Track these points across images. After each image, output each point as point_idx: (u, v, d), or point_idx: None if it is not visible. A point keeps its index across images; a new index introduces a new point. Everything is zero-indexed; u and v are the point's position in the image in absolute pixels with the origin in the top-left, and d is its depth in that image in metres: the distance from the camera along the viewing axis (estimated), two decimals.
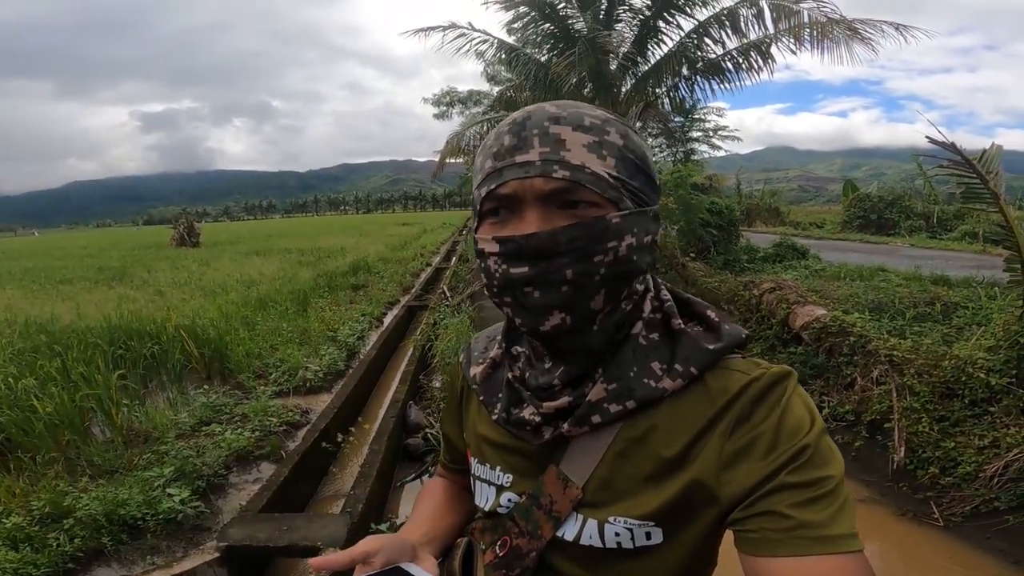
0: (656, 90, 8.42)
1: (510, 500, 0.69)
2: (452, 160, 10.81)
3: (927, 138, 3.21)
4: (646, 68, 8.19)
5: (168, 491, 3.10)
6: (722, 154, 21.57)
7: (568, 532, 0.62)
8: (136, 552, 2.76)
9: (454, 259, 15.68)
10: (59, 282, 11.99)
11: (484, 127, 9.78)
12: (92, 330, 6.05)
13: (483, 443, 0.73)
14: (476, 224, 0.61)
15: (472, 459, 0.76)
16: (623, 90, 8.35)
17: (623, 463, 0.60)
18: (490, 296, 0.61)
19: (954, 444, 3.23)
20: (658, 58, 8.05)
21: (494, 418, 0.68)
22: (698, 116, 18.18)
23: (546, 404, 0.62)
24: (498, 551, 0.67)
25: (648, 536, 0.59)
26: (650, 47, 8.15)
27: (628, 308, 0.61)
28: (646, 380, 0.59)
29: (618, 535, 0.60)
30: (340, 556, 0.61)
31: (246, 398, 4.90)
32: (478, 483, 0.74)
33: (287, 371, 5.57)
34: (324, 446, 3.88)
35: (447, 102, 23.97)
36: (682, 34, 7.79)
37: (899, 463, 3.35)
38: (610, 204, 0.55)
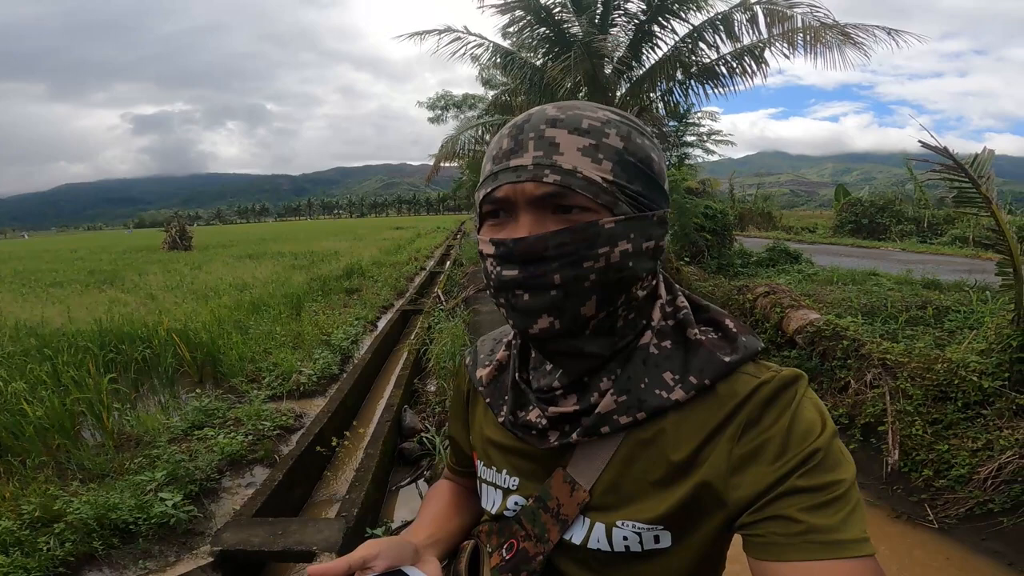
0: (651, 94, 8.43)
1: (517, 503, 0.68)
2: (447, 164, 10.80)
3: (920, 142, 3.24)
4: (641, 72, 8.22)
5: (160, 495, 3.08)
6: (716, 158, 21.68)
7: (575, 536, 0.62)
8: (128, 556, 2.74)
9: (448, 263, 15.66)
10: (49, 285, 11.89)
11: (479, 131, 9.78)
12: (83, 334, 6.01)
13: (489, 446, 0.73)
14: (478, 225, 0.61)
15: (478, 462, 0.75)
16: (618, 94, 8.37)
17: (631, 467, 0.60)
18: (490, 296, 0.61)
19: (948, 447, 3.25)
20: (653, 62, 8.07)
21: (500, 420, 0.68)
22: (692, 120, 18.26)
23: (552, 408, 0.62)
24: (505, 554, 0.66)
25: (657, 539, 0.59)
26: (645, 51, 8.17)
27: (631, 316, 0.61)
28: (657, 391, 0.58)
29: (626, 539, 0.59)
30: (338, 563, 0.59)
31: (239, 402, 4.87)
32: (484, 486, 0.73)
33: (280, 375, 5.55)
34: (319, 450, 3.86)
35: (442, 106, 23.99)
36: (677, 38, 7.82)
37: (893, 466, 3.37)
38: (603, 209, 0.54)
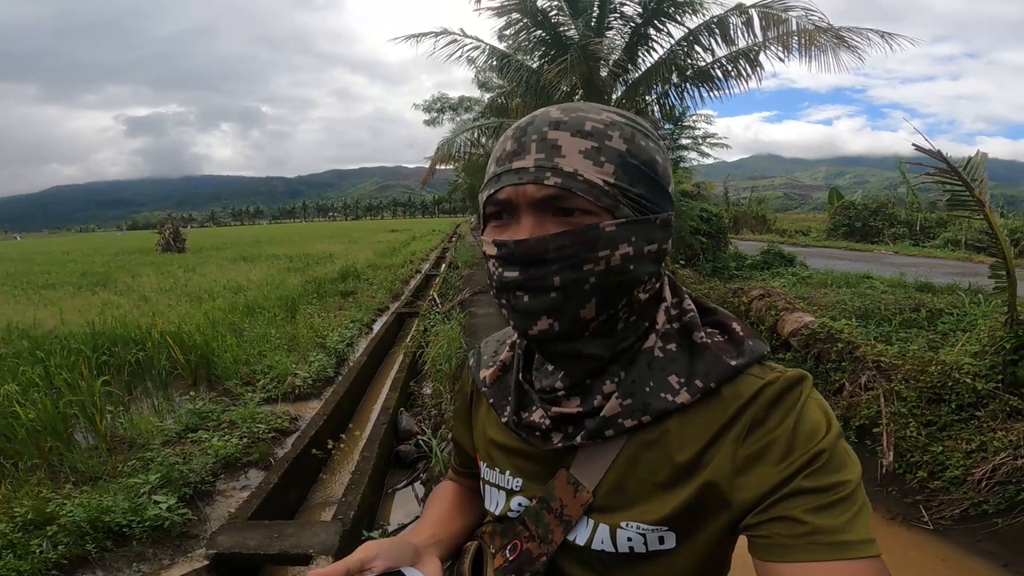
0: (646, 97, 8.46)
1: (520, 504, 0.68)
2: (442, 167, 10.79)
3: (914, 146, 3.26)
4: (637, 75, 8.25)
5: (154, 498, 3.06)
6: (710, 161, 21.74)
7: (579, 536, 0.62)
8: (122, 559, 2.72)
9: (444, 266, 15.65)
10: (41, 287, 11.81)
11: (475, 134, 9.79)
12: (75, 336, 5.97)
13: (492, 447, 0.72)
14: (482, 226, 0.62)
15: (481, 463, 0.75)
16: (614, 97, 8.40)
17: (635, 468, 0.60)
18: (492, 297, 0.62)
19: (942, 448, 3.26)
20: (648, 65, 8.11)
21: (504, 421, 0.67)
22: (688, 123, 18.33)
23: (555, 409, 0.62)
24: (508, 555, 0.66)
25: (661, 541, 0.59)
26: (641, 54, 8.21)
27: (632, 319, 0.61)
28: (663, 394, 0.58)
29: (630, 540, 0.59)
30: (335, 567, 0.58)
31: (233, 405, 4.85)
32: (488, 487, 0.73)
33: (275, 378, 5.52)
34: (314, 453, 3.84)
35: (438, 108, 23.97)
36: (672, 42, 7.85)
37: (888, 467, 3.38)
38: (605, 212, 0.55)
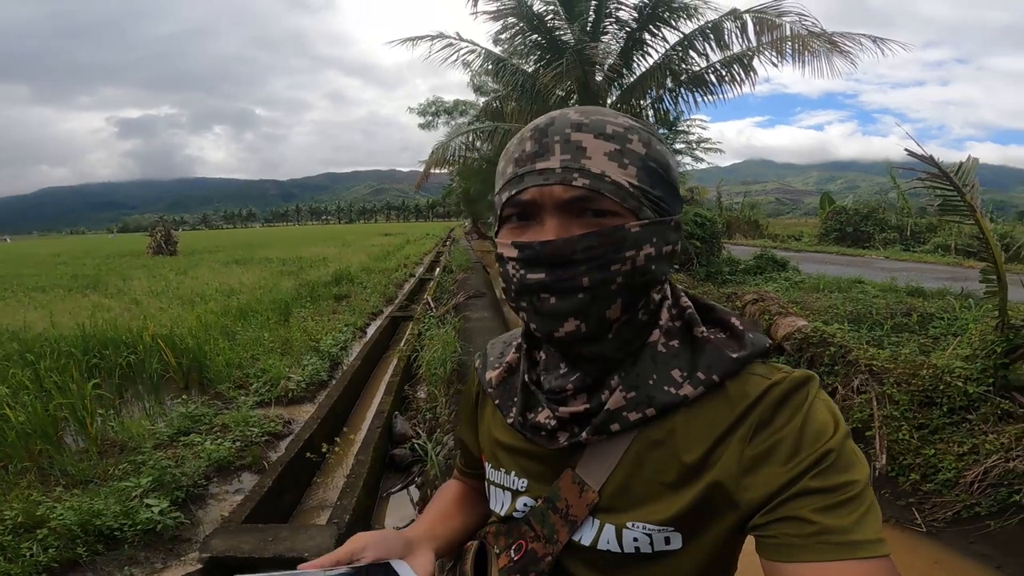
0: (641, 102, 8.53)
1: (526, 504, 0.67)
2: (436, 170, 10.80)
3: (906, 151, 3.29)
4: (632, 80, 8.31)
5: (146, 502, 3.03)
6: (704, 166, 21.87)
7: (585, 537, 0.61)
8: (113, 563, 2.69)
9: (438, 270, 15.61)
10: (31, 290, 11.69)
11: (470, 137, 9.80)
12: (65, 339, 5.91)
13: (497, 448, 0.72)
14: (496, 228, 0.61)
15: (486, 464, 0.75)
16: (609, 101, 8.45)
17: (641, 468, 0.60)
18: (508, 300, 0.61)
19: (934, 451, 3.29)
20: (643, 70, 8.18)
21: (509, 421, 0.67)
22: (682, 128, 18.41)
23: (562, 409, 0.61)
24: (513, 555, 0.65)
25: (667, 541, 0.58)
26: (636, 59, 8.28)
27: (645, 318, 0.61)
28: (666, 387, 0.58)
29: (636, 540, 0.59)
30: (325, 558, 0.61)
31: (226, 408, 4.81)
32: (493, 488, 0.73)
33: (268, 381, 5.48)
34: (309, 456, 3.81)
35: (433, 112, 23.99)
36: (667, 47, 7.93)
37: (881, 470, 3.40)
38: (629, 213, 0.55)
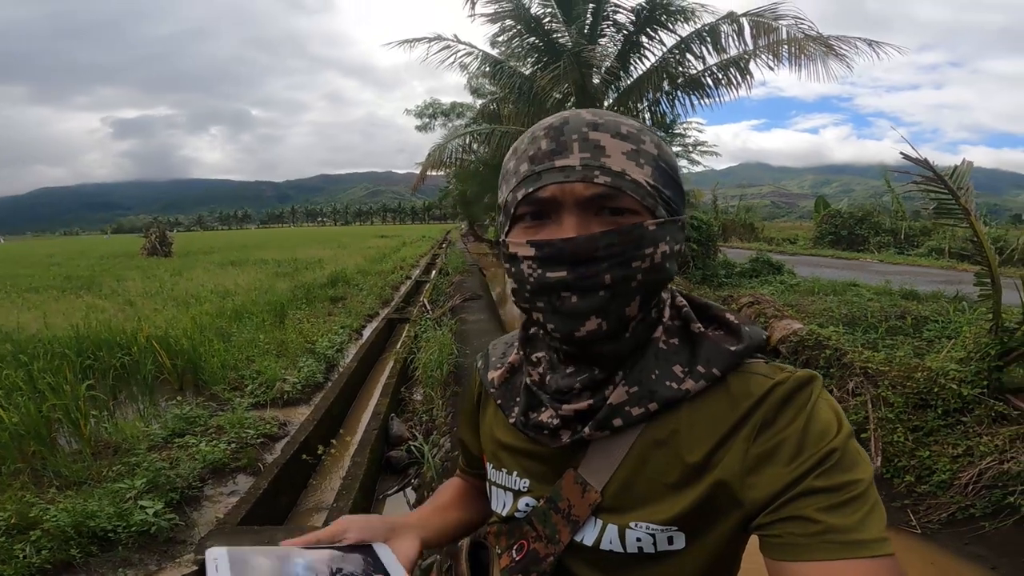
0: (638, 104, 8.55)
1: (527, 505, 0.67)
2: (433, 173, 10.79)
3: (901, 154, 3.31)
4: (629, 83, 8.34)
5: (140, 503, 3.01)
6: (700, 169, 21.93)
7: (587, 537, 0.61)
8: (107, 565, 2.67)
9: (434, 272, 15.59)
10: (25, 290, 11.62)
11: (467, 140, 9.81)
12: (59, 340, 5.87)
13: (499, 448, 0.72)
14: (507, 228, 0.60)
15: (488, 465, 0.75)
16: (606, 104, 8.47)
17: (644, 467, 0.59)
18: (518, 301, 0.60)
19: (929, 453, 3.31)
20: (640, 73, 8.21)
21: (512, 421, 0.67)
22: (678, 131, 18.47)
23: (565, 407, 0.61)
24: (515, 555, 0.65)
25: (671, 541, 0.58)
26: (633, 62, 8.31)
27: (655, 316, 0.62)
28: (668, 382, 0.59)
29: (639, 540, 0.59)
30: (308, 537, 0.62)
31: (221, 410, 4.79)
32: (494, 488, 0.72)
33: (264, 383, 5.46)
34: (304, 458, 3.80)
35: (430, 114, 24.01)
36: (664, 50, 7.96)
37: (876, 472, 3.41)
38: (647, 212, 0.56)
